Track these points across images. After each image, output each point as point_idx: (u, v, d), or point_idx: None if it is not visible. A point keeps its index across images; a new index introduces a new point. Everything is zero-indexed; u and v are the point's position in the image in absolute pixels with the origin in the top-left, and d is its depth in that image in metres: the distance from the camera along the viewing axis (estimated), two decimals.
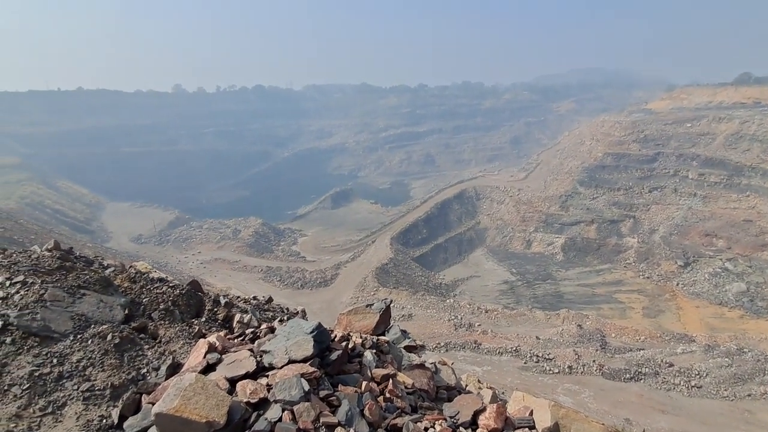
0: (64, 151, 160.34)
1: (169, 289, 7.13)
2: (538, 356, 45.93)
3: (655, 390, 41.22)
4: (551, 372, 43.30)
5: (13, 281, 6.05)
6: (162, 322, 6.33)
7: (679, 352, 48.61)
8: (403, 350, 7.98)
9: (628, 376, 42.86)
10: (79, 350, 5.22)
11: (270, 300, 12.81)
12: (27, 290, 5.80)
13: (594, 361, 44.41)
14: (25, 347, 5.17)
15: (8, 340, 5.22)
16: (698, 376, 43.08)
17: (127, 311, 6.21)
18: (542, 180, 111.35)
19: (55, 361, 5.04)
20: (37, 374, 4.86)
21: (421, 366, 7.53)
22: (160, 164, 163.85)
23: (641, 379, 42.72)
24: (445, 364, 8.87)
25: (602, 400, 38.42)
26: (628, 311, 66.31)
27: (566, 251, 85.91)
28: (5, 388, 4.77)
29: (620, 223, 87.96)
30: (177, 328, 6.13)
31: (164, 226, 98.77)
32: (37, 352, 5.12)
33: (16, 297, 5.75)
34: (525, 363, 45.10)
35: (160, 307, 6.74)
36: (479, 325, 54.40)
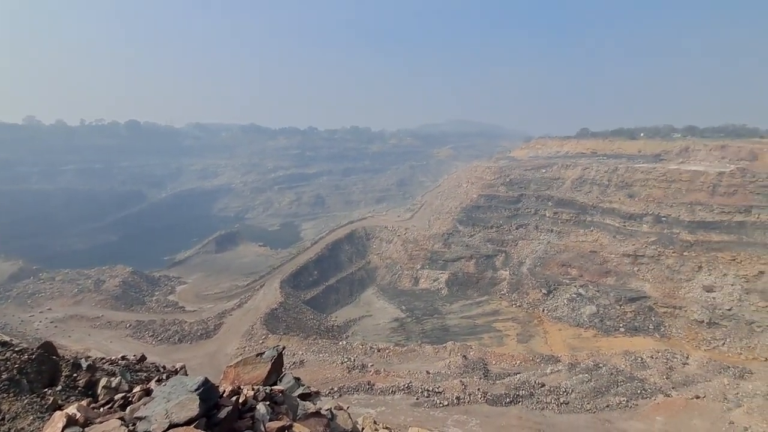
0: None
1: (15, 355, 6.01)
2: (428, 391, 47.22)
3: (531, 411, 44.93)
4: (441, 405, 44.74)
5: None
6: (6, 395, 5.31)
7: (549, 372, 54.01)
8: (298, 399, 7.76)
9: (508, 400, 46.18)
10: None
11: (143, 359, 11.47)
12: None
13: (478, 389, 47.08)
14: None
15: None
16: (565, 393, 48.15)
17: None
18: (426, 220, 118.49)
19: None
20: None
21: (317, 414, 7.42)
22: (4, 206, 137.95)
23: (519, 401, 46.32)
24: (341, 409, 8.78)
25: (488, 426, 40.63)
26: (505, 338, 72.01)
27: (450, 286, 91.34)
28: None
29: (494, 258, 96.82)
30: (25, 401, 5.18)
31: (3, 279, 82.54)
32: None
33: None
34: (417, 399, 46.00)
35: (3, 377, 5.65)
36: (372, 365, 54.41)
